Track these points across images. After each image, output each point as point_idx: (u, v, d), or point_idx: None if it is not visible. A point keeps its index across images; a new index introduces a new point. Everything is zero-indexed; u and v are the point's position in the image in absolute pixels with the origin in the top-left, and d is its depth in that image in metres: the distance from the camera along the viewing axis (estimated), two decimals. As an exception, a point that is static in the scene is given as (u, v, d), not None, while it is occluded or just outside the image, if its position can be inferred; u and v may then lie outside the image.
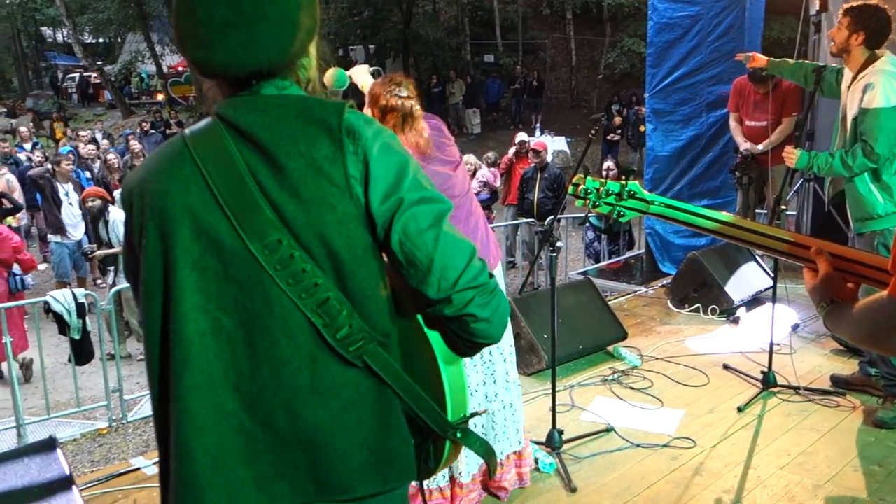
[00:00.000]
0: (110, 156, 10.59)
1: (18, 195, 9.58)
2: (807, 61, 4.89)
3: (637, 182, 1.80)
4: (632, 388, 4.43)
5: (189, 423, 1.35)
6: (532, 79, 21.32)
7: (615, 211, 1.79)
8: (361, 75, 3.03)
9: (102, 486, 3.51)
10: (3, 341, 5.63)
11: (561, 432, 3.57)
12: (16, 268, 6.95)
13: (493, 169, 10.76)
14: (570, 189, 1.85)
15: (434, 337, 1.44)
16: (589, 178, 1.81)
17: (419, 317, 1.46)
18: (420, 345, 1.45)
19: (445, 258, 1.32)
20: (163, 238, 1.35)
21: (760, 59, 4.71)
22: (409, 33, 22.94)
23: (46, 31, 35.07)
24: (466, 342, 1.40)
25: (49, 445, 2.68)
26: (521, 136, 10.53)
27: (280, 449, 1.37)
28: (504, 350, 3.11)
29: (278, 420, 1.36)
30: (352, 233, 1.33)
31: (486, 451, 1.53)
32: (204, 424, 1.35)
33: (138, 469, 3.68)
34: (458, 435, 1.44)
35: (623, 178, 1.80)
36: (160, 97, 27.90)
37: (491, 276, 1.38)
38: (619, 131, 16.36)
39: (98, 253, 7.57)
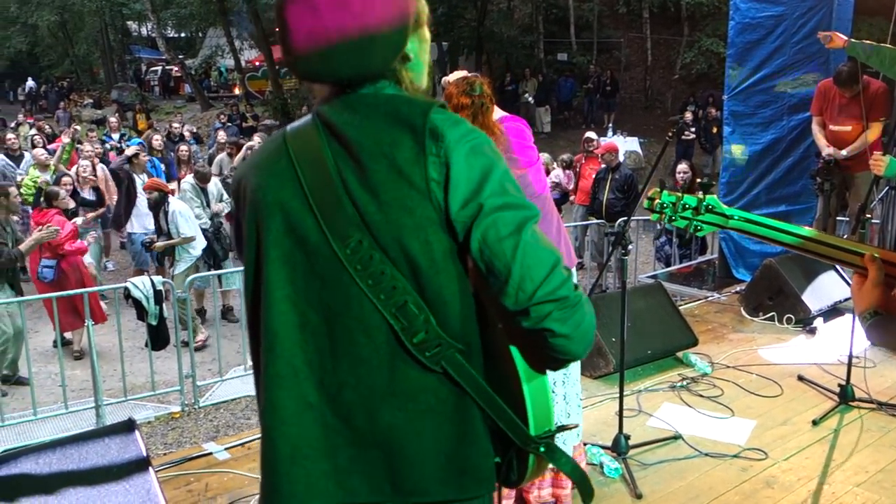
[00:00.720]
0: (182, 148, 10.89)
1: (107, 184, 9.88)
2: (889, 45, 4.66)
3: (715, 196, 1.75)
4: (701, 396, 4.34)
5: (273, 412, 1.38)
6: (606, 78, 21.03)
7: (692, 225, 1.74)
8: None
9: (176, 469, 3.63)
10: (86, 324, 5.87)
11: (627, 437, 3.52)
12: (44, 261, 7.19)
13: (567, 171, 10.69)
14: (646, 203, 1.80)
15: (515, 348, 1.40)
16: (665, 192, 1.76)
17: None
18: (504, 355, 1.40)
19: (524, 268, 1.27)
20: (257, 230, 1.39)
21: (839, 39, 4.53)
22: (482, 31, 22.93)
23: (132, 25, 36.25)
24: (545, 357, 1.35)
25: (128, 427, 2.78)
26: (590, 135, 10.42)
27: (359, 445, 1.37)
28: None
29: (357, 417, 1.37)
30: (430, 237, 1.31)
31: (574, 471, 1.46)
32: (286, 415, 1.37)
33: (210, 454, 3.78)
34: (542, 449, 1.40)
35: (700, 191, 1.75)
36: (237, 91, 28.57)
37: (576, 287, 1.33)
38: (692, 129, 15.99)
39: (158, 244, 7.67)
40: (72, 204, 8.10)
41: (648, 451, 3.66)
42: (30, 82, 32.23)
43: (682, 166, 8.56)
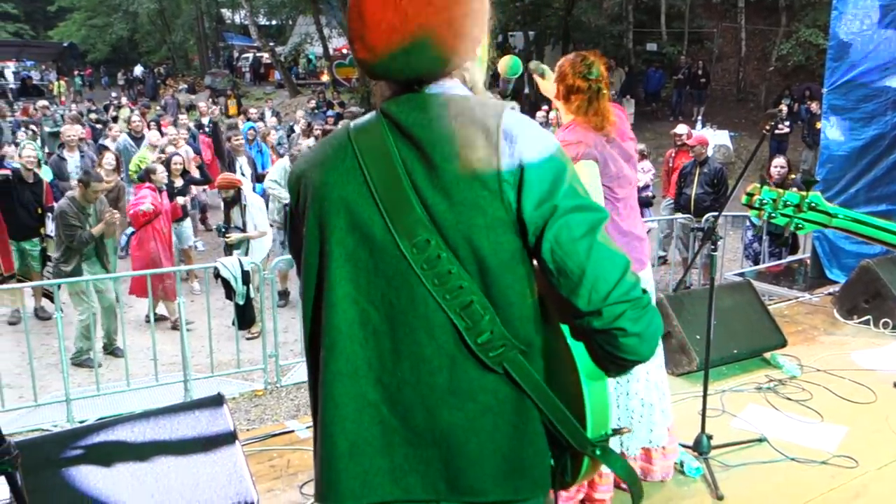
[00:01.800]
0: (272, 133, 11.16)
1: (190, 166, 10.24)
2: None
3: (819, 194, 1.68)
4: (789, 399, 4.19)
5: (332, 408, 1.39)
6: (697, 69, 20.46)
7: (792, 223, 1.67)
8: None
9: (260, 444, 3.74)
10: (178, 301, 6.09)
11: (710, 437, 3.44)
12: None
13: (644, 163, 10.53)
14: (744, 199, 1.75)
15: (579, 350, 1.40)
16: (766, 188, 1.70)
17: (565, 329, 1.42)
18: (564, 357, 1.41)
19: (598, 269, 1.29)
20: (320, 227, 1.40)
21: None
22: (570, 20, 22.61)
23: (226, 12, 37.29)
24: (613, 357, 1.35)
25: (217, 401, 2.88)
26: (680, 128, 10.19)
27: (416, 444, 1.39)
28: None
29: (416, 416, 1.38)
30: (500, 238, 1.32)
31: (628, 474, 1.47)
32: (345, 412, 1.39)
33: (292, 431, 3.88)
34: (598, 452, 1.40)
35: (802, 187, 1.68)
36: (325, 78, 29.05)
37: (644, 291, 1.34)
38: (787, 122, 15.39)
39: (233, 237, 7.45)
40: (177, 181, 8.44)
41: (731, 453, 3.56)
42: (138, 69, 33.42)
43: (779, 161, 8.23)
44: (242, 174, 9.09)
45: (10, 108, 17.90)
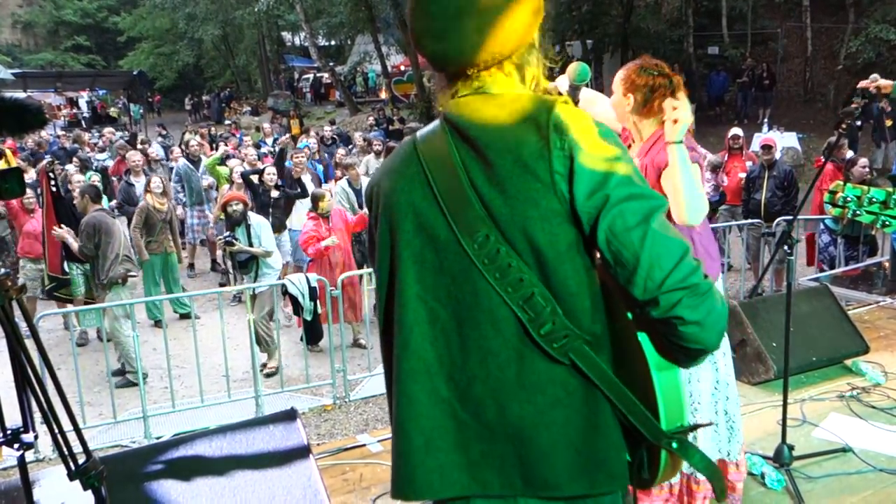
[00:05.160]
0: (340, 151, 11.32)
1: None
2: None
3: None
4: (873, 408, 4.04)
5: (407, 405, 1.43)
6: (762, 71, 19.98)
7: (878, 220, 1.61)
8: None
9: (332, 458, 3.77)
10: (248, 318, 6.19)
11: (791, 448, 3.32)
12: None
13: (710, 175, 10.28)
14: (826, 196, 1.70)
15: (646, 339, 1.38)
16: (849, 185, 1.65)
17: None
18: (632, 347, 1.39)
19: (653, 257, 1.28)
20: (391, 232, 1.46)
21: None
22: (628, 27, 22.38)
23: (286, 35, 38.14)
24: (677, 347, 1.33)
25: (290, 416, 2.91)
26: (736, 131, 9.88)
27: (489, 439, 1.40)
28: (715, 356, 2.89)
29: (487, 411, 1.40)
30: (555, 229, 1.33)
31: (708, 468, 1.42)
32: (420, 408, 1.42)
33: (364, 445, 3.90)
34: (674, 445, 1.36)
35: (889, 185, 1.61)
36: (384, 95, 29.39)
37: (706, 276, 1.31)
38: (859, 122, 14.87)
39: (237, 247, 7.08)
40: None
41: (815, 464, 3.44)
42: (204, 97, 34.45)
43: (863, 160, 7.95)
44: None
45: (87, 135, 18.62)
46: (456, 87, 1.45)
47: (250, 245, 7.15)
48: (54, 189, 7.67)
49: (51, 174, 7.70)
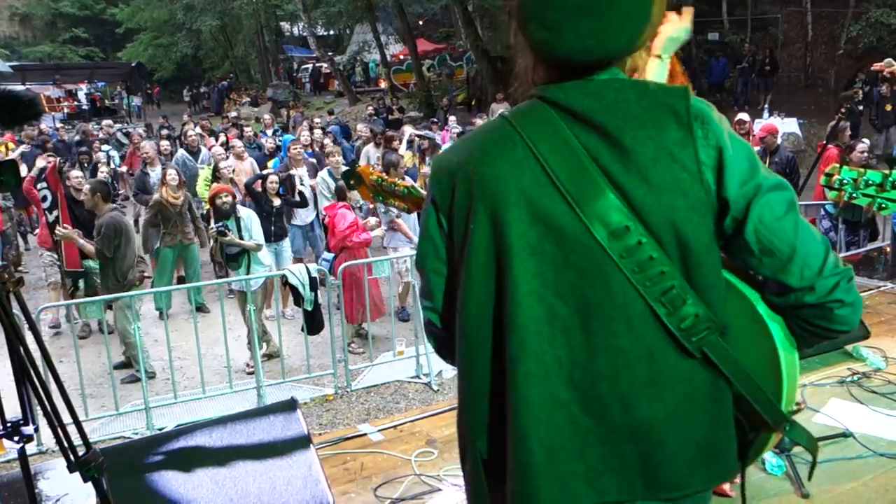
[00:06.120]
0: (327, 142, 11.27)
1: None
2: None
3: None
4: (874, 393, 4.03)
5: (525, 412, 1.34)
6: (763, 56, 19.91)
7: (875, 203, 1.61)
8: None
9: (333, 448, 3.78)
10: (248, 308, 6.19)
11: (792, 433, 3.32)
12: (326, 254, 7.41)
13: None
14: (823, 179, 1.69)
15: (773, 325, 1.37)
16: (845, 167, 1.64)
17: (755, 305, 1.39)
18: (754, 333, 1.38)
19: (807, 246, 1.29)
20: (494, 223, 1.35)
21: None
22: (627, 13, 22.28)
23: (285, 25, 38.01)
24: (822, 329, 1.34)
25: (290, 406, 2.91)
26: (742, 116, 9.87)
27: (610, 442, 1.34)
28: None
29: (612, 412, 1.33)
30: (701, 220, 1.30)
31: (811, 443, 1.44)
32: (539, 414, 1.33)
33: (365, 435, 3.91)
34: (788, 428, 1.37)
35: (886, 167, 1.60)
36: (383, 84, 29.32)
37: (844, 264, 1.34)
38: (860, 107, 14.82)
39: (228, 238, 6.94)
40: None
41: (815, 449, 3.43)
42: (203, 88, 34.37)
43: (862, 146, 7.93)
44: (302, 184, 9.11)
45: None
46: (559, 74, 1.36)
47: (241, 238, 7.12)
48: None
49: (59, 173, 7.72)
